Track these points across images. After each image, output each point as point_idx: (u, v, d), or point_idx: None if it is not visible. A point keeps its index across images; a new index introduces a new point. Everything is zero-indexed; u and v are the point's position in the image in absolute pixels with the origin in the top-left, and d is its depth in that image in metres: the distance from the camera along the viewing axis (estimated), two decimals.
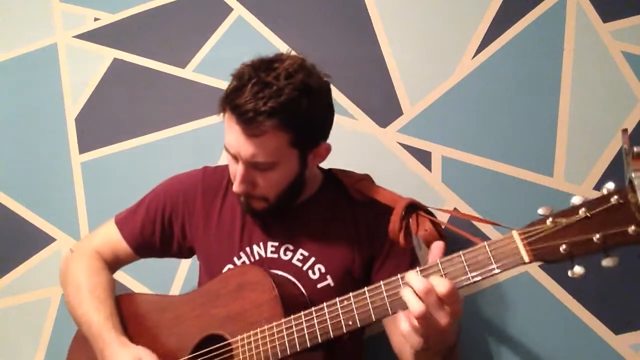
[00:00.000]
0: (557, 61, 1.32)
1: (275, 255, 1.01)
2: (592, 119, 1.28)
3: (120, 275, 1.40)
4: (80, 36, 1.60)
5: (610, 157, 1.26)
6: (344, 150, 1.33)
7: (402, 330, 0.72)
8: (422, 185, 1.31)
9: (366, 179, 1.07)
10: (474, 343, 1.21)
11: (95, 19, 1.60)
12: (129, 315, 1.02)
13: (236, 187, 0.95)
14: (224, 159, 1.44)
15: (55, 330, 1.42)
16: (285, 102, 0.86)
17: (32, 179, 1.53)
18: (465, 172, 1.31)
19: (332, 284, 0.99)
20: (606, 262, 0.63)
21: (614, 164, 1.25)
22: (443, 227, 0.92)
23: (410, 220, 0.93)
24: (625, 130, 0.66)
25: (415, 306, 0.69)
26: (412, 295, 0.70)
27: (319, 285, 0.99)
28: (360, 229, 1.02)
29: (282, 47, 1.46)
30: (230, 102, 0.89)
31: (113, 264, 1.10)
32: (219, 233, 1.05)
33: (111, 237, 1.10)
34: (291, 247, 1.02)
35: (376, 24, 1.43)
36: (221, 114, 0.93)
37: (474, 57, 1.36)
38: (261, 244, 1.03)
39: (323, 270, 1.00)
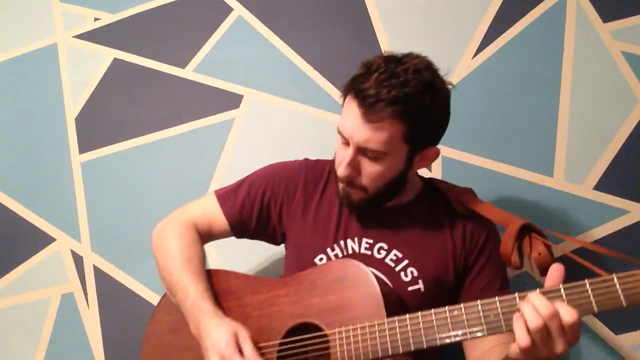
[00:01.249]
0: (557, 61, 1.32)
1: (369, 252, 1.01)
2: (592, 119, 1.28)
3: (120, 275, 1.40)
4: (80, 36, 1.60)
5: (610, 157, 1.26)
6: None
7: (520, 344, 0.71)
8: None
9: (470, 192, 1.07)
10: None
11: (95, 19, 1.60)
12: (220, 290, 1.02)
13: (341, 170, 0.95)
14: (223, 159, 1.44)
15: (55, 330, 1.42)
16: (409, 94, 0.88)
17: (32, 179, 1.53)
18: (465, 172, 1.31)
19: (422, 289, 0.98)
20: None
21: (614, 164, 1.25)
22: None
23: (523, 242, 0.93)
24: None
25: (535, 323, 0.69)
26: (533, 312, 0.70)
27: (409, 288, 0.99)
28: (456, 239, 1.02)
29: (282, 47, 1.46)
30: (355, 86, 0.91)
31: (206, 236, 1.11)
32: (315, 223, 1.06)
33: (210, 210, 1.11)
34: (385, 247, 1.01)
35: (376, 24, 1.43)
36: (342, 98, 0.95)
37: (474, 57, 1.36)
38: (356, 239, 1.03)
39: (415, 274, 0.99)
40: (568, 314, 0.69)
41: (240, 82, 1.47)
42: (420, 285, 0.99)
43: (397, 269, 1.00)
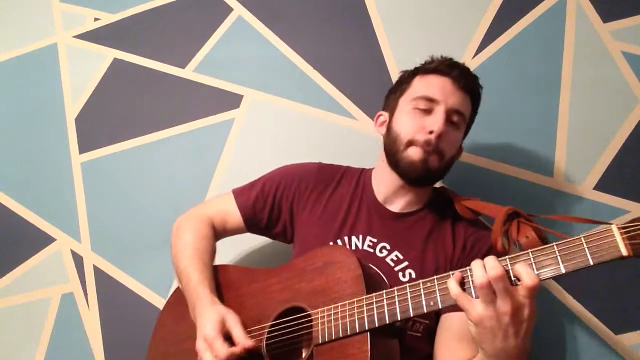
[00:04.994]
0: (557, 61, 1.32)
1: (371, 250, 1.04)
2: (592, 119, 1.28)
3: (120, 275, 1.40)
4: (80, 36, 1.60)
5: (610, 157, 1.26)
6: (344, 150, 1.34)
7: (471, 317, 0.74)
8: None
9: (475, 198, 1.08)
10: None
11: (95, 19, 1.60)
12: (222, 282, 1.09)
13: (439, 127, 1.01)
14: (223, 159, 1.44)
15: (55, 330, 1.42)
16: (479, 85, 1.09)
17: (32, 179, 1.53)
18: (465, 172, 1.31)
19: None
20: None
21: (614, 164, 1.25)
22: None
23: (511, 227, 0.94)
24: None
25: (480, 280, 0.72)
26: (481, 269, 0.72)
27: None
28: (457, 244, 1.04)
29: (282, 47, 1.46)
30: (445, 66, 1.06)
31: (221, 231, 1.17)
32: (321, 218, 1.10)
33: (226, 205, 1.17)
34: (388, 247, 1.04)
35: (376, 24, 1.43)
36: (410, 78, 1.10)
37: (474, 57, 1.36)
38: (360, 236, 1.06)
39: (413, 275, 1.01)
40: (528, 277, 0.71)
41: (240, 82, 1.47)
42: None
43: (397, 269, 1.01)
